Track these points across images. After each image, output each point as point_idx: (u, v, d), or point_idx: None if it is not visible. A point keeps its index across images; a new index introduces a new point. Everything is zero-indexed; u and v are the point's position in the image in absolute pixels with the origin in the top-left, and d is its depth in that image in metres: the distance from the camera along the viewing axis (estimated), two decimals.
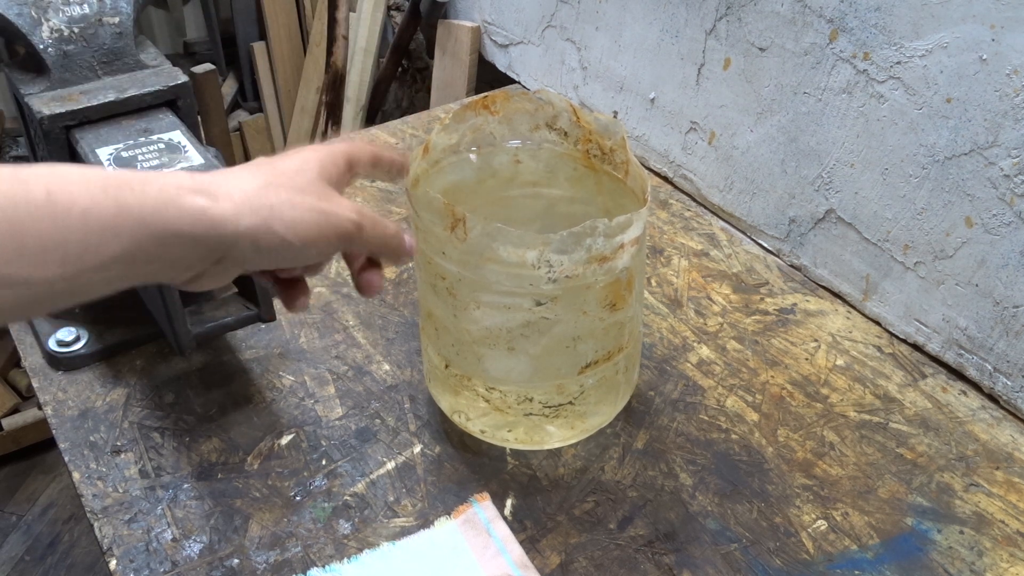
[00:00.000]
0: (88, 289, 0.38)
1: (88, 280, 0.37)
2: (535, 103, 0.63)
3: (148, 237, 0.38)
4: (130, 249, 0.37)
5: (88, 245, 0.36)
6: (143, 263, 0.38)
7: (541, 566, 0.58)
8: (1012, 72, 0.61)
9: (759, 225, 0.87)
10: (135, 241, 0.37)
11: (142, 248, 0.38)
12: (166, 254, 0.39)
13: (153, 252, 0.38)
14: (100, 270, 0.37)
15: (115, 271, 0.38)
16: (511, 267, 0.53)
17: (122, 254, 0.37)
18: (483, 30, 1.24)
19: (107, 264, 0.37)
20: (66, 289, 0.37)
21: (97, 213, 0.36)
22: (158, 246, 0.38)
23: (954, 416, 0.69)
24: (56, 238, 0.35)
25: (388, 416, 0.69)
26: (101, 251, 0.36)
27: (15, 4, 0.64)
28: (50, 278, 0.35)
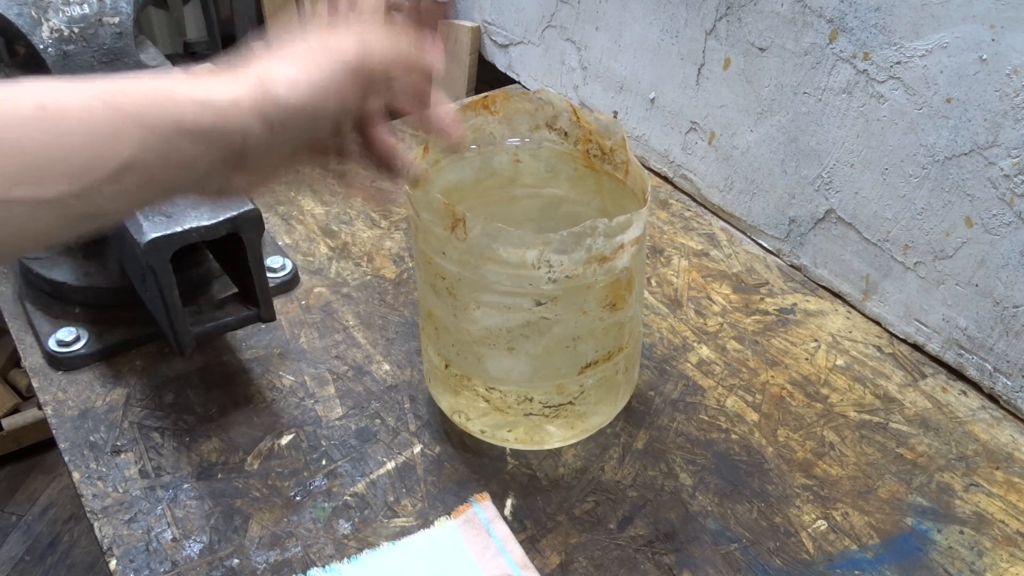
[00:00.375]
0: (108, 205, 0.36)
1: (104, 194, 0.35)
2: (535, 103, 0.63)
3: (152, 137, 0.36)
4: (137, 154, 0.35)
5: (92, 155, 0.34)
6: (157, 168, 0.36)
7: (541, 566, 0.58)
8: (1012, 72, 0.61)
9: (759, 225, 0.87)
10: (140, 143, 0.35)
11: (149, 149, 0.36)
12: (176, 154, 0.37)
13: (162, 153, 0.36)
14: (112, 181, 0.35)
15: (130, 180, 0.35)
16: (511, 267, 0.53)
17: (130, 160, 0.35)
18: (483, 30, 1.24)
19: (118, 173, 0.35)
20: (83, 207, 0.35)
21: (94, 120, 0.35)
22: (164, 144, 0.36)
23: (954, 416, 0.69)
24: (56, 151, 0.34)
25: (388, 416, 0.69)
26: (107, 159, 0.35)
27: (15, 4, 0.64)
28: (61, 195, 0.34)
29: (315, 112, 0.40)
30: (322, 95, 0.40)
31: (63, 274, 0.74)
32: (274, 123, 0.39)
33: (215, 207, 0.62)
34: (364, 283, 0.82)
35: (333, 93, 0.40)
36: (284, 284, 0.80)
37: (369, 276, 0.83)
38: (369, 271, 0.84)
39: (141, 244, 0.59)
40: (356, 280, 0.83)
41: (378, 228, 0.89)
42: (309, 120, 0.40)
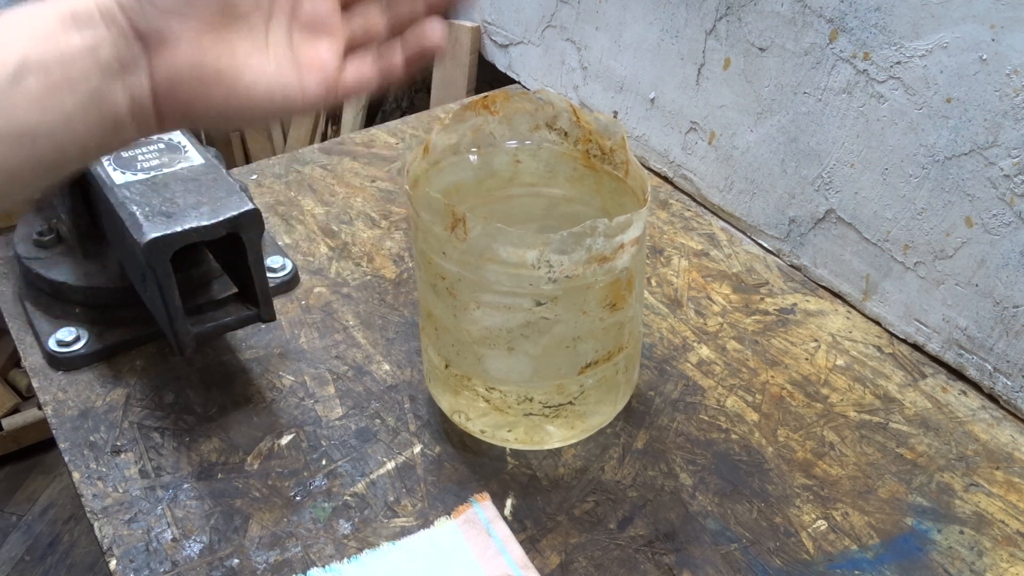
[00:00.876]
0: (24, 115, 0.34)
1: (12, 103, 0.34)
2: (535, 103, 0.63)
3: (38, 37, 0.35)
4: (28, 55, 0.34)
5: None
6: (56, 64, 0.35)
7: (541, 566, 0.58)
8: (1012, 72, 0.61)
9: (759, 225, 0.87)
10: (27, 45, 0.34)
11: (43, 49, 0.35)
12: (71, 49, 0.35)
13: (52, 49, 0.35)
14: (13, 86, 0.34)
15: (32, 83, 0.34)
16: (511, 267, 0.53)
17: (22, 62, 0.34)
18: (483, 30, 1.24)
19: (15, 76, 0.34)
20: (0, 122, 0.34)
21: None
22: (50, 40, 0.35)
23: (954, 416, 0.69)
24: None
25: (388, 416, 0.69)
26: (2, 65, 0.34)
27: (15, 4, 0.64)
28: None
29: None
30: None
31: (63, 274, 0.74)
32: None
33: (215, 207, 0.62)
34: (364, 283, 0.82)
35: None
36: (284, 284, 0.80)
37: (369, 276, 0.83)
38: (369, 271, 0.84)
39: (141, 244, 0.59)
40: (356, 280, 0.83)
41: (378, 228, 0.89)
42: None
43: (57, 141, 0.35)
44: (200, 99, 0.36)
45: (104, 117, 0.36)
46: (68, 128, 0.35)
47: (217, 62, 0.36)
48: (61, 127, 0.35)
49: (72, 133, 0.36)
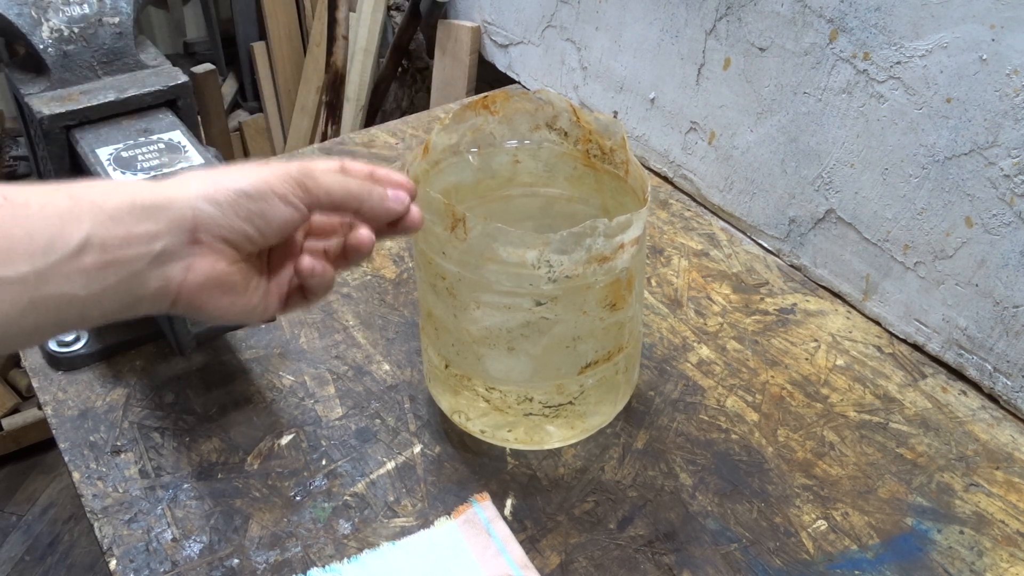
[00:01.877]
0: (68, 287, 0.38)
1: (64, 274, 0.37)
2: (535, 103, 0.63)
3: (107, 215, 0.39)
4: (93, 230, 0.38)
5: (52, 235, 0.37)
6: (114, 246, 0.39)
7: (541, 566, 0.58)
8: (1012, 72, 0.61)
9: (759, 225, 0.87)
10: (95, 221, 0.38)
11: (104, 227, 0.38)
12: (130, 231, 0.39)
13: (117, 230, 0.39)
14: (71, 260, 0.38)
15: (88, 259, 0.38)
16: (511, 267, 0.53)
17: (87, 237, 0.38)
18: (483, 30, 1.24)
19: (76, 252, 0.38)
20: (45, 288, 0.37)
21: (53, 205, 0.38)
22: (118, 222, 0.39)
23: (954, 416, 0.69)
24: (19, 232, 0.37)
25: (388, 416, 0.69)
26: (66, 238, 0.37)
27: (15, 4, 0.64)
28: (23, 274, 0.36)
29: (260, 201, 0.43)
30: (265, 188, 0.43)
31: None
32: (222, 203, 0.42)
33: None
34: (364, 283, 0.82)
35: (277, 190, 0.43)
36: None
37: (369, 276, 0.83)
38: (369, 271, 0.84)
39: None
40: (356, 280, 0.83)
41: None
42: (256, 209, 0.43)
43: (85, 309, 0.39)
44: (211, 302, 0.44)
45: (132, 295, 0.41)
46: (99, 301, 0.39)
47: (236, 282, 0.44)
48: (95, 299, 0.39)
49: (99, 305, 0.40)
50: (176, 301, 0.43)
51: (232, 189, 0.42)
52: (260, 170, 0.43)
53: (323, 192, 0.45)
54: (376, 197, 0.47)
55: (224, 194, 0.42)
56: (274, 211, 0.43)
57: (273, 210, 0.43)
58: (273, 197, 0.43)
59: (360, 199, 0.46)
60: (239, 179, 0.43)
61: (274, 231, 0.44)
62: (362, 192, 0.46)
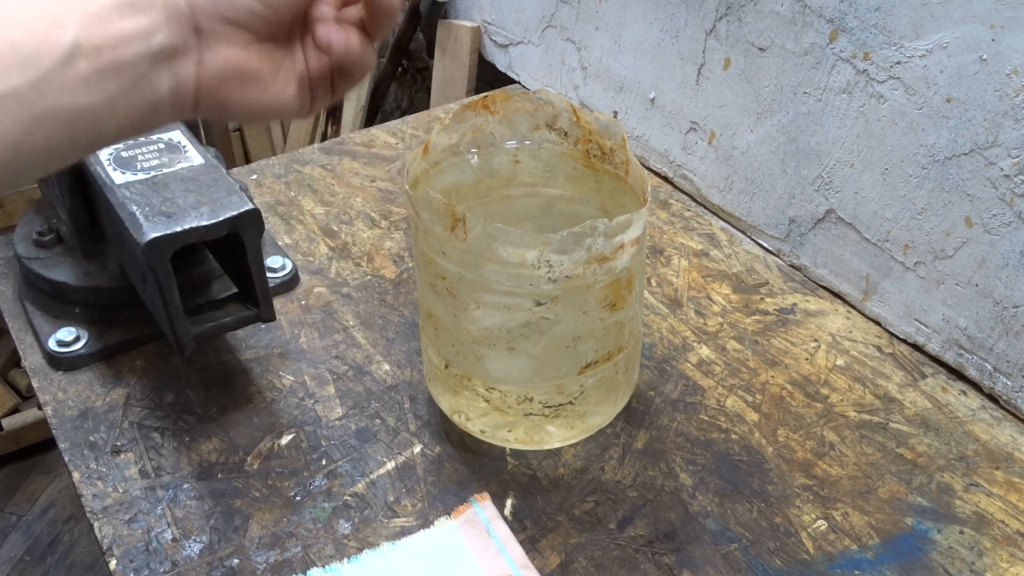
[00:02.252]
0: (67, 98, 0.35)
1: (59, 84, 0.34)
2: (535, 103, 0.63)
3: (91, 18, 0.35)
4: (81, 36, 0.35)
5: (36, 42, 0.34)
6: (107, 47, 0.35)
7: (541, 566, 0.58)
8: (1012, 72, 0.61)
9: (759, 225, 0.87)
10: (82, 25, 0.35)
11: (92, 28, 0.35)
12: (125, 35, 0.36)
13: (107, 31, 0.36)
14: (62, 68, 0.34)
15: (82, 66, 0.35)
16: (511, 267, 0.53)
17: (75, 43, 0.34)
18: (483, 30, 1.24)
19: (66, 58, 0.34)
20: (42, 101, 0.34)
21: (33, 11, 0.35)
22: (106, 24, 0.36)
23: (954, 416, 0.69)
24: (1, 45, 0.34)
25: (388, 416, 0.69)
26: (50, 45, 0.34)
27: None
28: (16, 87, 0.33)
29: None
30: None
31: (63, 274, 0.74)
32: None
33: (215, 207, 0.62)
34: (364, 283, 0.82)
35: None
36: (284, 284, 0.80)
37: (369, 276, 0.83)
38: (369, 271, 0.84)
39: (141, 244, 0.59)
40: (356, 280, 0.83)
41: (378, 228, 0.89)
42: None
43: (97, 122, 0.36)
44: (237, 97, 0.40)
45: (145, 100, 0.37)
46: (110, 110, 0.36)
47: (259, 69, 0.40)
48: (104, 109, 0.36)
49: (113, 115, 0.36)
50: (197, 102, 0.39)
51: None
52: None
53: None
54: None
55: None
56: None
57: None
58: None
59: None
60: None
61: (287, 8, 0.39)
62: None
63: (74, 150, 0.37)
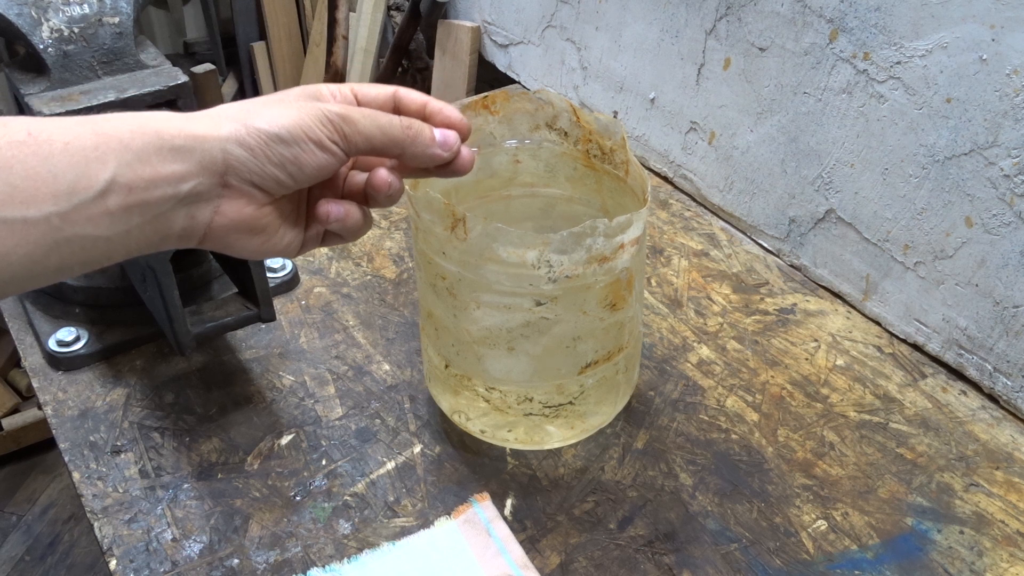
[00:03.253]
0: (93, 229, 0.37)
1: (88, 216, 0.36)
2: (535, 103, 0.63)
3: (133, 155, 0.37)
4: (119, 171, 0.37)
5: (77, 175, 0.36)
6: (139, 188, 0.38)
7: (541, 566, 0.58)
8: (1012, 72, 0.61)
9: (759, 225, 0.87)
10: (121, 161, 0.37)
11: (130, 167, 0.37)
12: (156, 173, 0.38)
13: (143, 172, 0.38)
14: (96, 201, 0.36)
15: (113, 201, 0.37)
16: (511, 267, 0.53)
17: (112, 178, 0.37)
18: (483, 30, 1.24)
19: (101, 193, 0.37)
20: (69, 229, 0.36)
21: (78, 143, 0.36)
22: (144, 163, 0.38)
23: (954, 416, 0.69)
24: (43, 172, 0.35)
25: (388, 416, 0.69)
26: (91, 179, 0.36)
27: (15, 4, 0.64)
28: (48, 215, 0.35)
29: (293, 146, 0.41)
30: (300, 133, 0.41)
31: None
32: (253, 147, 0.40)
33: None
34: (364, 283, 0.82)
35: (312, 135, 0.41)
36: (284, 284, 0.80)
37: (369, 276, 0.83)
38: (369, 271, 0.84)
39: None
40: (356, 280, 0.83)
41: (378, 228, 0.89)
42: (289, 155, 0.41)
43: (111, 248, 0.38)
44: (239, 243, 0.43)
45: (158, 234, 0.40)
46: (124, 239, 0.38)
47: (266, 224, 0.43)
48: (119, 238, 0.38)
49: (125, 243, 0.39)
50: (203, 241, 0.42)
51: (265, 133, 0.40)
52: (296, 110, 0.41)
53: (362, 139, 0.42)
54: (421, 143, 0.44)
55: (256, 138, 0.40)
56: (308, 157, 0.41)
57: (307, 156, 0.41)
58: (308, 143, 0.41)
59: (402, 146, 0.44)
60: (273, 120, 0.41)
61: (307, 176, 0.42)
62: (406, 139, 0.44)
63: (81, 269, 0.39)
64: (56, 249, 0.36)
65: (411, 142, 0.44)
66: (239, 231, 0.42)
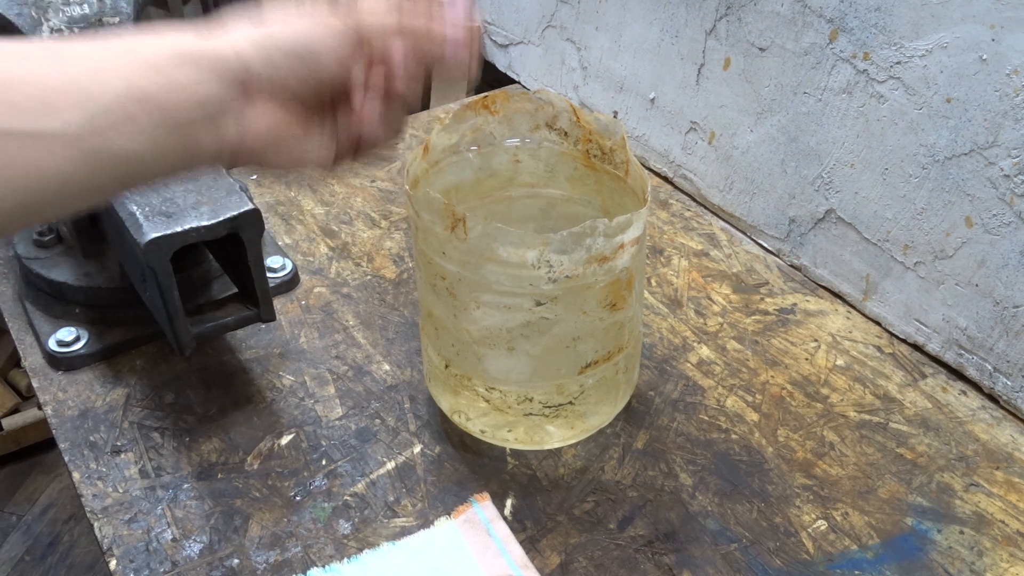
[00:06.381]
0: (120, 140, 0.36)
1: (112, 125, 0.36)
2: (535, 103, 0.63)
3: (149, 66, 0.37)
4: (136, 79, 0.37)
5: (92, 83, 0.36)
6: (160, 95, 0.37)
7: (541, 566, 0.58)
8: (1012, 72, 0.61)
9: (759, 225, 0.87)
10: (137, 70, 0.37)
11: (147, 77, 0.37)
12: (175, 81, 0.38)
13: (161, 80, 0.37)
14: (115, 109, 0.36)
15: (135, 109, 0.36)
16: (511, 267, 0.53)
17: (129, 85, 0.36)
18: (483, 30, 1.24)
19: (122, 100, 0.36)
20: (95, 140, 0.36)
21: (93, 55, 0.37)
22: (161, 73, 0.37)
23: (954, 416, 0.69)
24: (60, 82, 0.35)
25: (388, 416, 0.69)
26: (109, 84, 0.36)
27: (15, 4, 0.64)
28: (70, 125, 0.35)
29: (310, 53, 0.41)
30: (316, 39, 0.40)
31: (63, 274, 0.74)
32: (271, 56, 0.40)
33: (215, 207, 0.62)
34: (364, 283, 0.82)
35: (328, 40, 0.41)
36: (284, 284, 0.80)
37: (369, 276, 0.83)
38: (369, 271, 0.84)
39: (141, 244, 0.59)
40: (356, 280, 0.83)
41: (378, 228, 0.89)
42: (306, 61, 0.41)
43: (141, 165, 0.38)
44: (271, 155, 0.42)
45: (186, 150, 0.39)
46: (154, 156, 0.38)
47: (295, 133, 0.42)
48: (148, 153, 0.38)
49: (156, 160, 0.38)
50: (235, 156, 0.41)
51: (281, 46, 0.40)
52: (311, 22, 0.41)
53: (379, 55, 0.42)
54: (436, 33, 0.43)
55: (273, 50, 0.40)
56: (326, 70, 0.41)
57: (325, 70, 0.41)
58: (326, 56, 0.41)
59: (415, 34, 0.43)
60: (288, 34, 0.40)
61: (328, 88, 0.42)
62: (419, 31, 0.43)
63: (115, 189, 0.39)
64: (86, 163, 0.36)
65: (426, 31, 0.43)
66: (268, 141, 0.41)
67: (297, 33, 0.40)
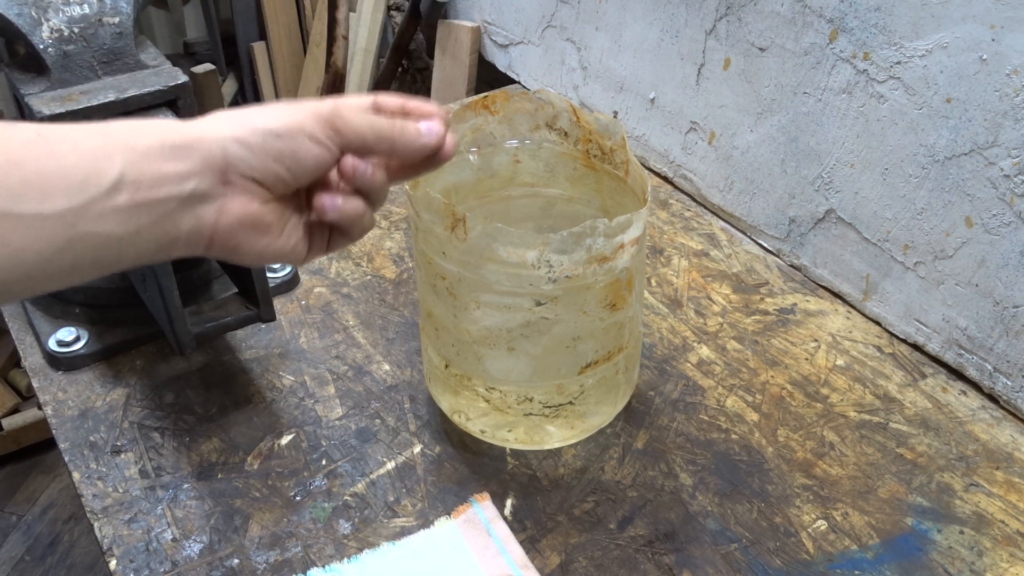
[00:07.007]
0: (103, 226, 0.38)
1: (99, 213, 0.37)
2: (535, 103, 0.63)
3: (138, 155, 0.39)
4: (126, 170, 0.38)
5: (87, 171, 0.37)
6: (146, 185, 0.39)
7: (541, 566, 0.58)
8: (1012, 72, 0.61)
9: (759, 225, 0.87)
10: (127, 160, 0.38)
11: (136, 166, 0.39)
12: (161, 171, 0.39)
13: (149, 169, 0.39)
14: (105, 198, 0.38)
15: (122, 199, 0.38)
16: (511, 267, 0.53)
17: (120, 176, 0.38)
18: (483, 30, 1.24)
19: (110, 190, 0.38)
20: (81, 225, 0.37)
21: (87, 142, 0.38)
22: (149, 161, 0.39)
23: (954, 416, 0.69)
24: (55, 168, 0.37)
25: (388, 416, 0.69)
26: (100, 175, 0.37)
27: (15, 4, 0.64)
28: (60, 210, 0.36)
29: (290, 141, 0.42)
30: (296, 128, 0.42)
31: None
32: (251, 143, 0.42)
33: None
34: (364, 283, 0.82)
35: (307, 130, 0.43)
36: (284, 284, 0.80)
37: (369, 276, 0.83)
38: (369, 271, 0.84)
39: None
40: (356, 280, 0.83)
41: (378, 228, 0.89)
42: (286, 149, 0.42)
43: (122, 249, 0.39)
44: (245, 243, 0.44)
45: (167, 236, 0.41)
46: (134, 241, 0.39)
47: (270, 222, 0.44)
48: (130, 238, 0.39)
49: (135, 244, 0.40)
50: (211, 243, 0.43)
51: (262, 129, 0.42)
52: (290, 110, 0.43)
53: (353, 134, 0.44)
54: (409, 136, 0.46)
55: (254, 134, 0.42)
56: (304, 151, 0.43)
57: (303, 150, 0.43)
58: (303, 137, 0.43)
59: (392, 140, 0.45)
60: (269, 119, 0.42)
61: (305, 172, 0.43)
62: (394, 132, 0.45)
63: (92, 272, 0.40)
64: (69, 247, 0.37)
65: (400, 135, 0.45)
66: (244, 229, 0.43)
67: (279, 117, 0.42)
